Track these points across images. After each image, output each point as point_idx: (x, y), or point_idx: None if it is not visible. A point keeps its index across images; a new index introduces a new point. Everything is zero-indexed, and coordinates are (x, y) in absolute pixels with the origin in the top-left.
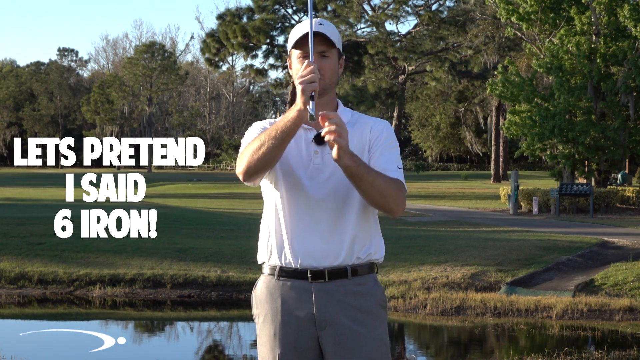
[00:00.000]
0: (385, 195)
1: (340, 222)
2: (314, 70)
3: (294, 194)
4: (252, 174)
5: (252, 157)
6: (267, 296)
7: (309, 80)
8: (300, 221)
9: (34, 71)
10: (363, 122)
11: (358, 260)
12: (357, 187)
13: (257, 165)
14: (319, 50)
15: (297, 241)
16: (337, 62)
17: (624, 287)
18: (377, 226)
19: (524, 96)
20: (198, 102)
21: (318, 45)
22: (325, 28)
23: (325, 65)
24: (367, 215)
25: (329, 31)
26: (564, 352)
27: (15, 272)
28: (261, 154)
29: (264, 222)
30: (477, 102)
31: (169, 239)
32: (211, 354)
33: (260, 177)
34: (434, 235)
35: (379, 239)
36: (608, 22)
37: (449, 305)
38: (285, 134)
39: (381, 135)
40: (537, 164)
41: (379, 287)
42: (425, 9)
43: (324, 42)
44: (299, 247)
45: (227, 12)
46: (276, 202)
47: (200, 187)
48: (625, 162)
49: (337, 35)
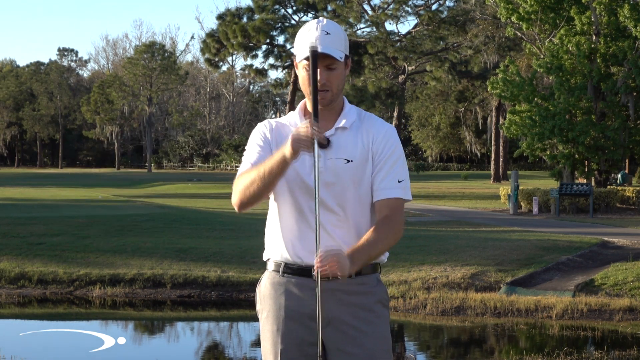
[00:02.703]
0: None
1: (344, 222)
2: (311, 132)
3: (298, 194)
4: (246, 207)
5: (244, 194)
6: (271, 292)
7: (303, 143)
8: (304, 220)
9: (34, 71)
10: (367, 126)
11: None
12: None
13: (249, 201)
14: (325, 64)
15: (302, 240)
16: (343, 70)
17: (624, 287)
18: None
19: (524, 96)
20: (198, 102)
21: (324, 59)
22: (331, 39)
23: (332, 77)
24: (371, 215)
25: (335, 41)
26: (564, 352)
27: (15, 272)
28: (252, 191)
29: (270, 220)
30: (477, 102)
31: (169, 239)
32: (211, 354)
33: (255, 206)
34: (434, 235)
35: None
36: (608, 22)
37: (449, 305)
38: (272, 176)
39: (385, 148)
40: (537, 164)
41: (381, 286)
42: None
43: (330, 57)
44: (303, 246)
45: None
46: (281, 201)
47: (200, 187)
48: (625, 162)
49: (343, 42)
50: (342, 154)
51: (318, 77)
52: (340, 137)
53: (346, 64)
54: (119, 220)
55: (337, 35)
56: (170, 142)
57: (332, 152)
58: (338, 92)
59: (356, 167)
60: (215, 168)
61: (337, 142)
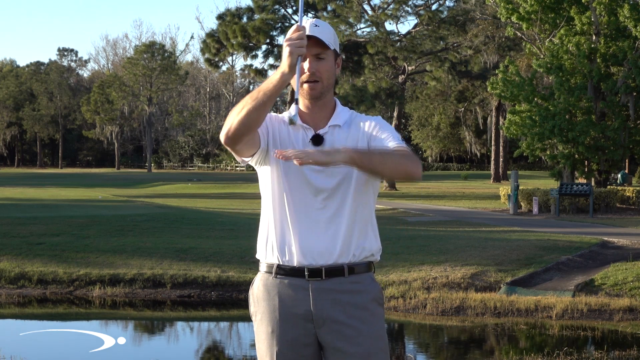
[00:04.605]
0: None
1: (337, 221)
2: (303, 35)
3: (290, 193)
4: (234, 137)
5: (234, 119)
6: (264, 294)
7: (297, 45)
8: (297, 220)
9: (34, 71)
10: (357, 122)
11: (354, 258)
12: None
13: (238, 127)
14: (314, 53)
15: (294, 239)
16: (333, 63)
17: (624, 287)
18: (373, 225)
19: (524, 96)
20: (198, 102)
21: (313, 47)
22: (319, 30)
23: (321, 68)
24: (364, 214)
25: (324, 32)
26: (564, 352)
27: (15, 272)
28: (243, 115)
29: (262, 220)
30: (477, 102)
31: (169, 239)
32: (211, 354)
33: (242, 142)
34: (434, 235)
35: (375, 238)
36: (608, 22)
37: (449, 305)
38: (266, 96)
39: (375, 125)
40: (537, 164)
41: (375, 285)
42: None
43: (319, 44)
44: (296, 246)
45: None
46: (273, 200)
47: (200, 187)
48: (625, 162)
49: (332, 36)
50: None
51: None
52: (333, 135)
53: (336, 61)
54: (119, 220)
55: (326, 28)
56: (170, 142)
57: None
58: (328, 86)
59: None
60: (215, 168)
61: (330, 140)
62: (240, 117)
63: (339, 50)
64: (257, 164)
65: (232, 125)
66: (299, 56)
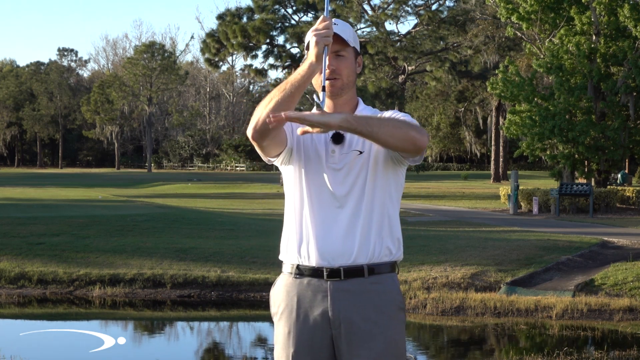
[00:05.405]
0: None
1: (357, 220)
2: (329, 26)
3: (311, 192)
4: (261, 130)
5: (262, 111)
6: (283, 294)
7: (324, 35)
8: (315, 219)
9: (34, 71)
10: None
11: (375, 258)
12: (370, 138)
13: (264, 122)
14: (334, 50)
15: (313, 239)
16: (353, 61)
17: (624, 287)
18: (396, 225)
19: (524, 96)
20: (198, 102)
21: (333, 44)
22: (339, 28)
23: (341, 65)
24: (385, 213)
25: (344, 30)
26: (564, 352)
27: (15, 272)
28: (271, 107)
29: (285, 220)
30: (477, 102)
31: (169, 239)
32: (211, 354)
33: (269, 137)
34: (434, 235)
35: (397, 238)
36: (608, 22)
37: (449, 305)
38: (294, 87)
39: (391, 113)
40: (537, 164)
41: (396, 288)
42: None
43: (338, 41)
44: (315, 246)
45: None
46: (294, 200)
47: (200, 187)
48: (625, 162)
49: (352, 34)
50: (355, 146)
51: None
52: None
53: (357, 60)
54: (119, 220)
55: (346, 27)
56: (170, 142)
57: (346, 147)
58: (349, 83)
59: (368, 156)
60: (215, 168)
61: (350, 137)
62: (269, 110)
63: (359, 49)
64: (282, 163)
65: (260, 118)
66: (325, 46)
